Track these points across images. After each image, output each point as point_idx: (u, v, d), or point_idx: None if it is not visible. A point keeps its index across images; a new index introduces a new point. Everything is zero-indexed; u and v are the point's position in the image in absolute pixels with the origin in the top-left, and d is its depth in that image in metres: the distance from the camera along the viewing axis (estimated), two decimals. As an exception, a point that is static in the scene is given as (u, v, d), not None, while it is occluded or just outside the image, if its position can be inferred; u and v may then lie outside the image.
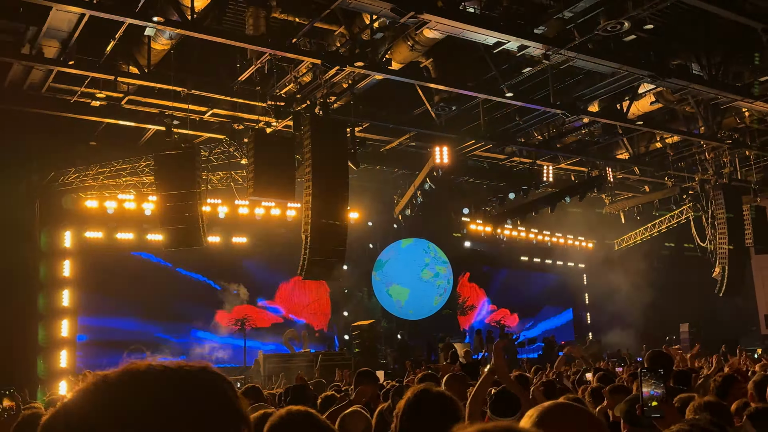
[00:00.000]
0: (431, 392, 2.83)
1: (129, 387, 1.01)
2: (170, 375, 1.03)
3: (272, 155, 14.24)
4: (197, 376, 1.05)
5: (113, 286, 19.31)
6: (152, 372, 1.03)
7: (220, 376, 1.08)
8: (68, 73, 13.06)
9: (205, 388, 1.04)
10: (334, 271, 14.38)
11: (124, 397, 0.99)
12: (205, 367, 1.08)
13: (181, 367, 1.05)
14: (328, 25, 12.82)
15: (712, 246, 22.22)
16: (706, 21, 13.54)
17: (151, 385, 1.01)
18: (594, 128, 18.58)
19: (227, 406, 1.05)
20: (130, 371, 1.03)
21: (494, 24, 11.58)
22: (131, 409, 0.98)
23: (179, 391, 1.01)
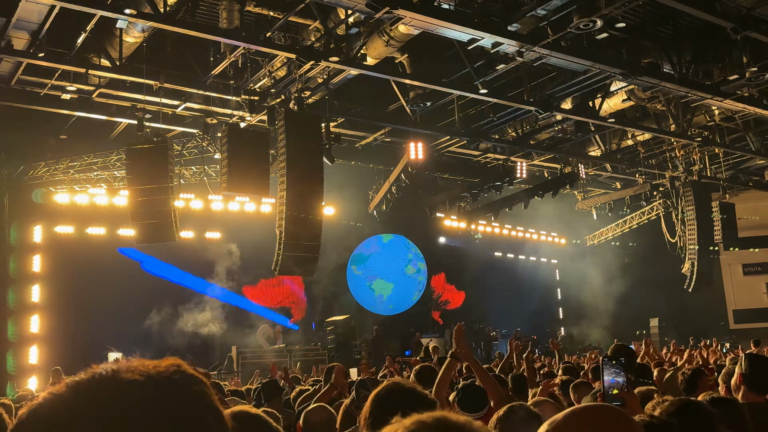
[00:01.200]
0: (401, 385, 2.83)
1: (102, 395, 0.93)
2: (143, 381, 0.95)
3: (246, 150, 14.14)
4: (171, 379, 0.97)
5: (84, 282, 19.07)
6: (124, 377, 0.95)
7: (195, 377, 1.00)
8: (38, 65, 12.85)
9: (181, 394, 0.96)
10: (309, 266, 14.34)
11: (97, 407, 0.91)
12: (179, 368, 0.99)
13: (156, 369, 0.97)
14: (303, 19, 12.77)
15: (682, 242, 22.57)
16: (677, 20, 13.74)
17: (124, 391, 0.93)
18: (567, 125, 18.76)
19: (205, 412, 0.97)
20: (101, 377, 0.95)
21: (468, 20, 11.63)
22: (103, 420, 0.90)
23: (153, 398, 0.94)
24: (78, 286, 19.00)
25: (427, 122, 17.34)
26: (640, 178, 23.03)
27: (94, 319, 19.44)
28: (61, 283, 18.65)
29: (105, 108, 15.14)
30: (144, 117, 14.39)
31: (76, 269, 19.04)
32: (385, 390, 2.78)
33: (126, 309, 20.14)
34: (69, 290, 18.96)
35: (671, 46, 14.43)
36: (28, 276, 17.98)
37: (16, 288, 17.73)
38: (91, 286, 19.26)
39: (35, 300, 17.90)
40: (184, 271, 21.36)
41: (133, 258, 19.82)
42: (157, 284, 20.83)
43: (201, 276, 21.44)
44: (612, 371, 2.78)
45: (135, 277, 20.28)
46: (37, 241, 18.40)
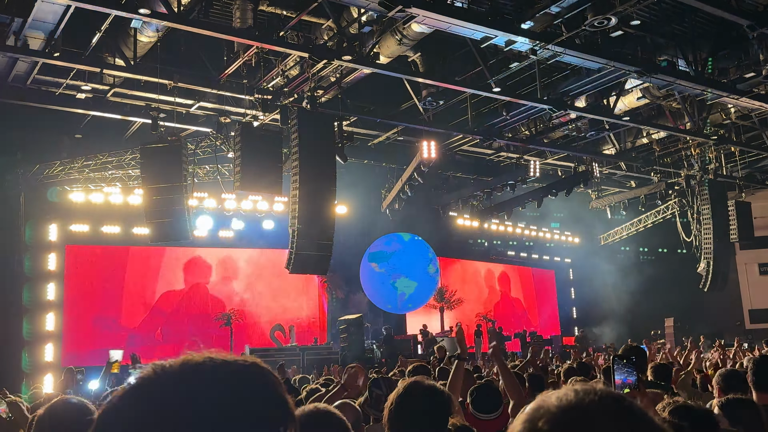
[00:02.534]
0: (422, 385, 2.84)
1: (184, 380, 1.02)
2: (224, 370, 1.05)
3: (259, 149, 14.18)
4: (249, 370, 1.07)
5: (99, 279, 19.23)
6: (207, 366, 1.05)
7: (270, 371, 1.09)
8: (54, 65, 12.95)
9: (259, 384, 1.06)
10: (322, 264, 14.35)
11: (177, 391, 1.01)
12: (256, 362, 1.09)
13: (235, 361, 1.07)
14: (316, 18, 12.78)
15: (697, 241, 22.40)
16: (693, 17, 13.63)
17: (205, 379, 1.03)
18: (581, 123, 18.65)
19: (279, 403, 1.07)
20: (186, 363, 1.05)
21: (482, 19, 11.59)
22: (183, 403, 0.99)
23: (234, 386, 1.03)
24: (93, 284, 19.15)
25: (440, 121, 17.30)
26: (655, 176, 22.86)
27: (109, 317, 19.61)
28: (75, 282, 18.79)
29: (119, 107, 15.22)
30: (158, 116, 14.46)
31: (90, 267, 19.19)
32: (407, 388, 2.79)
33: (140, 306, 20.31)
34: (84, 288, 19.11)
35: (687, 44, 14.32)
36: (43, 274, 18.12)
37: (31, 286, 17.87)
38: (105, 284, 19.43)
39: (50, 298, 18.04)
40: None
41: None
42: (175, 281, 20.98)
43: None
44: (624, 370, 2.76)
45: (149, 275, 20.43)
46: (52, 239, 18.54)
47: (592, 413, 0.95)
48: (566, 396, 0.97)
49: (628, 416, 0.96)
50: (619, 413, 0.96)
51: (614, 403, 0.97)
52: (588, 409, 0.95)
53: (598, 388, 0.99)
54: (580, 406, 0.96)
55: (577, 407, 0.96)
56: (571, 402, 0.96)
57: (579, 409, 0.95)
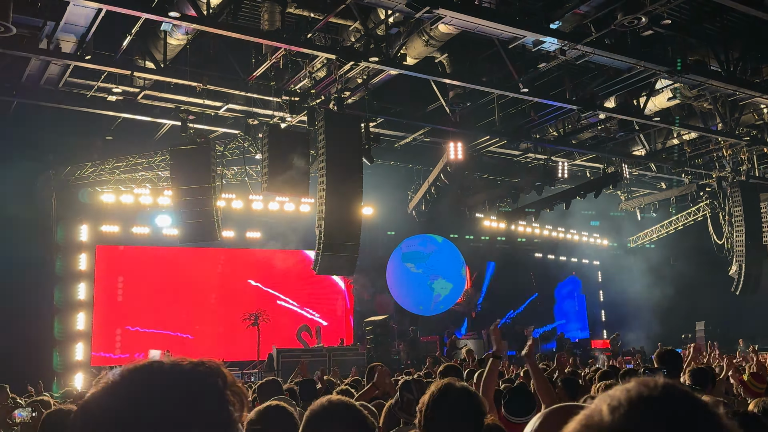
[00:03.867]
0: (455, 386, 2.82)
1: (129, 385, 1.16)
2: (163, 373, 1.17)
3: (286, 150, 14.26)
4: (192, 371, 1.18)
5: (129, 280, 19.47)
6: (147, 371, 1.18)
7: (214, 371, 1.20)
8: (85, 67, 13.14)
9: (196, 384, 1.17)
10: (348, 266, 14.37)
11: (123, 395, 1.14)
12: (201, 362, 1.21)
13: (178, 363, 1.19)
14: (343, 20, 12.80)
15: (729, 244, 22.02)
16: (724, 16, 13.41)
17: (146, 383, 1.16)
18: (610, 124, 18.44)
19: (215, 400, 1.18)
20: (130, 370, 1.18)
21: (510, 19, 11.52)
22: (127, 406, 1.13)
23: (170, 387, 1.15)
24: (123, 283, 19.40)
25: (467, 122, 17.22)
26: (686, 178, 22.53)
27: (138, 316, 19.84)
28: (106, 281, 19.04)
29: (149, 109, 15.40)
30: (187, 118, 14.59)
31: (121, 267, 19.44)
32: (441, 390, 2.78)
33: (170, 306, 20.52)
34: (114, 288, 19.36)
35: (718, 43, 14.09)
36: (74, 274, 18.39)
37: (62, 286, 18.14)
38: (135, 283, 19.67)
39: (81, 298, 18.30)
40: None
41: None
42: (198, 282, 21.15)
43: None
44: None
45: (178, 275, 20.63)
46: (83, 240, 18.82)
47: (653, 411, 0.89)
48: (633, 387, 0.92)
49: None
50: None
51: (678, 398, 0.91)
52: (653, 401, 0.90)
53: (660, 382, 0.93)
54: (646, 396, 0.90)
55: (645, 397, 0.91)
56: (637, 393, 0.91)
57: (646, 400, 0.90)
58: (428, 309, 24.90)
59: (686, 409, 0.89)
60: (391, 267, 24.61)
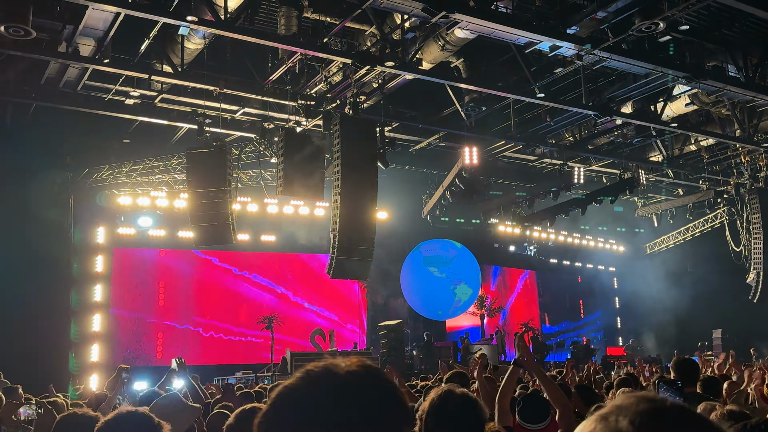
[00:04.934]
0: (455, 393, 2.81)
1: (325, 386, 1.19)
2: (359, 377, 1.21)
3: (302, 154, 14.30)
4: (378, 376, 1.23)
5: (144, 282, 19.58)
6: (341, 369, 1.21)
7: (388, 376, 1.25)
8: (103, 71, 13.26)
9: (385, 389, 1.22)
10: (363, 270, 14.37)
11: (320, 396, 1.18)
12: (381, 372, 1.25)
13: (360, 371, 1.22)
14: (359, 24, 12.83)
15: (747, 251, 21.81)
16: (743, 22, 13.30)
17: (344, 379, 1.19)
18: (627, 130, 18.33)
19: (401, 405, 1.22)
20: (325, 370, 1.22)
21: (526, 24, 11.49)
22: (325, 407, 1.16)
23: (367, 391, 1.19)
24: (138, 285, 19.52)
25: (482, 127, 17.19)
26: (703, 184, 22.35)
27: (153, 319, 19.94)
28: (122, 283, 19.16)
29: (166, 113, 15.51)
30: (204, 122, 14.68)
31: (136, 269, 19.56)
32: (441, 397, 2.77)
33: (184, 308, 20.61)
34: (130, 290, 19.48)
35: (737, 49, 13.98)
36: (90, 276, 18.51)
37: (79, 288, 18.26)
38: (151, 285, 19.79)
39: (97, 299, 18.42)
40: (240, 274, 21.70)
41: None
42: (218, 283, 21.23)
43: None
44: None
45: (192, 278, 20.72)
46: (100, 242, 18.95)
47: None
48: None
49: None
50: None
51: None
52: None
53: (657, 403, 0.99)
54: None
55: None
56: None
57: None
58: (446, 314, 24.85)
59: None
60: (409, 271, 24.53)
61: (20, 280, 15.56)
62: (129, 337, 19.51)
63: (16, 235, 15.38)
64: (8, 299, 15.22)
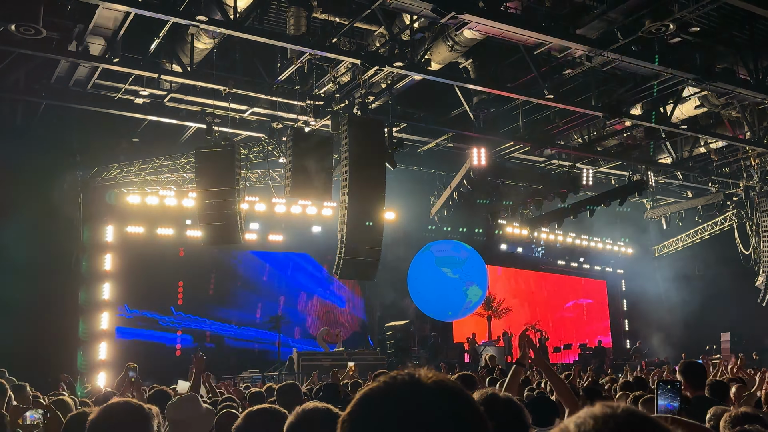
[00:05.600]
0: (498, 398, 2.81)
1: (414, 395, 1.19)
2: (443, 388, 1.22)
3: (310, 154, 14.31)
4: (460, 392, 1.23)
5: (154, 280, 19.64)
6: (426, 381, 1.21)
7: (467, 395, 1.25)
8: (113, 70, 13.32)
9: (469, 404, 1.22)
10: (370, 270, 14.37)
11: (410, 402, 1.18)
12: (459, 386, 1.26)
13: (446, 382, 1.24)
14: (368, 25, 12.83)
15: (756, 254, 21.70)
16: (754, 24, 13.23)
17: (429, 392, 1.20)
18: (636, 132, 18.27)
19: (480, 421, 1.22)
20: (410, 378, 1.22)
21: (536, 25, 11.47)
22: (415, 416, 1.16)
23: (450, 404, 1.20)
24: (147, 284, 19.57)
25: (491, 127, 17.16)
26: (712, 186, 22.25)
27: (161, 317, 20.00)
28: (130, 282, 19.21)
29: (176, 112, 15.56)
30: (213, 121, 14.72)
31: (145, 268, 19.62)
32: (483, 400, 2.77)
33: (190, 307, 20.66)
34: (138, 289, 19.53)
35: (747, 51, 13.91)
36: (99, 274, 18.58)
37: (88, 286, 18.32)
38: (159, 284, 19.84)
39: (105, 297, 18.48)
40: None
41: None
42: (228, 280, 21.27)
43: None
44: (667, 395, 2.67)
45: (202, 276, 20.78)
46: (108, 240, 19.02)
47: None
48: (584, 422, 1.02)
49: None
50: None
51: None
52: None
53: (618, 411, 1.02)
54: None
55: None
56: (588, 428, 1.00)
57: None
58: (455, 315, 24.84)
59: None
60: (420, 271, 24.47)
61: (30, 277, 15.62)
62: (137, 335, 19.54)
63: (26, 233, 15.44)
64: (18, 296, 15.29)
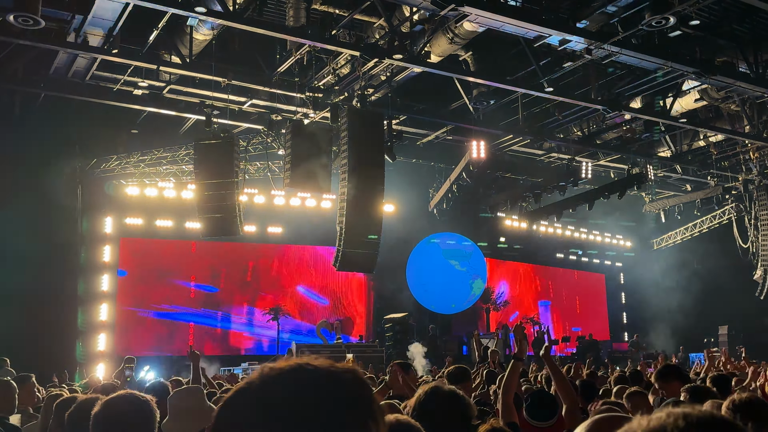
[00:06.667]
0: (442, 390, 2.83)
1: (282, 384, 1.13)
2: (320, 375, 1.15)
3: (309, 146, 14.31)
4: (342, 377, 1.16)
5: (152, 272, 19.66)
6: (304, 370, 1.15)
7: (362, 379, 1.20)
8: (112, 61, 13.29)
9: (347, 390, 1.15)
10: (369, 263, 14.39)
11: (280, 393, 1.12)
12: (350, 370, 1.20)
13: (331, 367, 1.18)
14: (368, 17, 12.81)
15: (755, 248, 21.73)
16: (754, 18, 13.21)
17: (302, 383, 1.13)
18: (636, 125, 18.26)
19: (364, 408, 1.15)
20: (288, 369, 1.16)
21: (535, 17, 11.44)
22: (284, 404, 1.10)
23: (324, 390, 1.13)
24: (145, 275, 19.60)
25: (490, 120, 17.15)
26: (711, 180, 22.25)
27: (159, 309, 20.02)
28: (129, 273, 19.23)
29: (174, 104, 15.53)
30: (212, 113, 14.70)
31: (143, 259, 19.63)
32: (427, 394, 2.79)
33: (189, 299, 20.69)
34: (137, 280, 19.56)
35: (747, 45, 13.89)
36: (98, 265, 18.60)
37: (86, 277, 18.34)
38: (158, 275, 19.86)
39: (104, 289, 18.50)
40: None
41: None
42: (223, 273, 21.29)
43: (263, 270, 21.77)
44: None
45: (200, 268, 20.79)
46: (107, 231, 19.02)
47: None
48: (657, 419, 0.94)
49: None
50: None
51: (705, 429, 0.93)
52: None
53: (693, 412, 0.95)
54: (664, 430, 0.92)
55: None
56: (658, 426, 0.93)
57: None
58: (459, 308, 24.91)
59: None
60: (425, 263, 24.47)
61: (28, 268, 15.63)
62: (135, 328, 19.58)
63: (25, 224, 15.44)
64: (17, 286, 15.31)
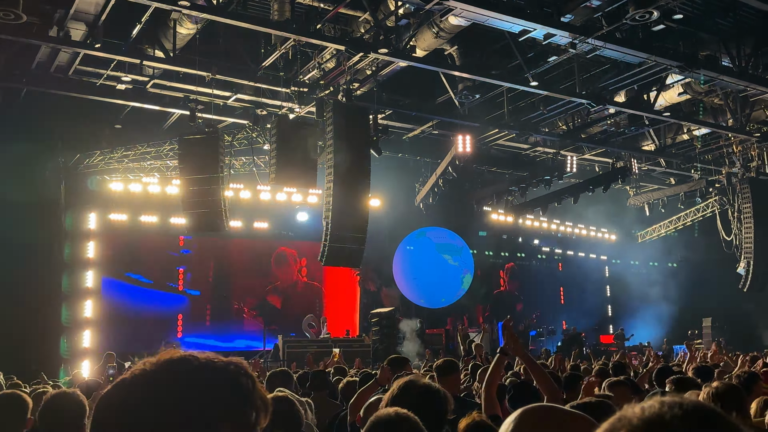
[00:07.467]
0: (416, 385, 2.83)
1: (157, 376, 1.17)
2: (194, 367, 1.19)
3: (295, 141, 14.26)
4: (224, 368, 1.20)
5: (136, 268, 19.56)
6: (179, 363, 1.19)
7: (245, 371, 1.23)
8: (94, 56, 13.14)
9: (226, 381, 1.19)
10: (355, 257, 14.38)
11: (151, 386, 1.15)
12: (231, 361, 1.23)
13: (211, 359, 1.21)
14: (353, 11, 12.76)
15: (738, 240, 21.93)
16: (737, 12, 13.31)
17: (176, 375, 1.17)
18: (620, 119, 18.36)
19: (244, 400, 1.19)
20: (163, 361, 1.20)
21: (520, 11, 11.46)
22: (153, 397, 1.14)
23: (199, 381, 1.17)
24: (130, 271, 19.49)
25: (476, 115, 17.17)
26: (695, 173, 22.43)
27: (144, 304, 19.93)
28: (113, 269, 19.12)
29: (158, 98, 15.41)
30: (196, 108, 14.61)
31: (128, 255, 19.52)
32: (401, 389, 2.79)
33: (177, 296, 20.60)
34: (121, 276, 19.45)
35: (730, 39, 14.00)
36: (82, 261, 18.47)
37: (71, 273, 18.22)
38: (142, 271, 19.76)
39: (89, 285, 18.39)
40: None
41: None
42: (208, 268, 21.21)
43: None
44: None
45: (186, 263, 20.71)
46: (91, 227, 18.89)
47: (674, 427, 0.91)
48: (650, 408, 0.94)
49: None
50: (705, 428, 0.92)
51: (700, 418, 0.93)
52: (671, 423, 0.91)
53: (685, 401, 0.95)
54: (662, 419, 0.92)
55: (659, 420, 0.92)
56: (654, 414, 0.93)
57: (660, 423, 0.91)
58: (449, 301, 25.00)
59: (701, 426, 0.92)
60: (415, 257, 24.51)
61: (12, 263, 15.52)
62: (120, 324, 19.47)
63: (7, 219, 15.30)
64: (1, 281, 15.20)
